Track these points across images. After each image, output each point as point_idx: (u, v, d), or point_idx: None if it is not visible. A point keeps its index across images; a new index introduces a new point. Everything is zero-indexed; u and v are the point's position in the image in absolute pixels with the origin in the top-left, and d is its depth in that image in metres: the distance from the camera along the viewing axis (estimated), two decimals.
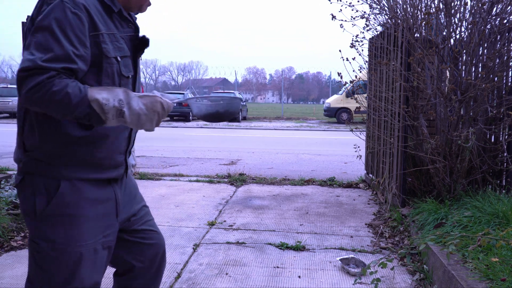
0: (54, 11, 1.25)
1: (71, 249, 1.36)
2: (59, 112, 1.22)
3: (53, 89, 1.18)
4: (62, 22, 1.24)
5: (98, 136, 1.38)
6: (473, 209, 3.13)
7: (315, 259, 3.06)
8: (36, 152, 1.35)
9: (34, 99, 1.18)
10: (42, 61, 1.19)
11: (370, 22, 4.50)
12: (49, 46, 1.21)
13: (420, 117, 3.87)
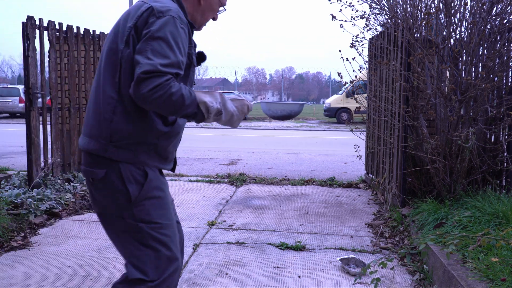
0: (168, 25, 1.46)
1: (164, 225, 1.61)
2: (171, 110, 1.43)
3: (172, 91, 1.39)
4: (175, 35, 1.47)
5: (173, 133, 1.62)
6: (473, 209, 3.13)
7: (315, 259, 3.06)
8: (125, 142, 1.53)
9: (153, 98, 1.37)
10: (161, 66, 1.39)
11: (370, 22, 4.50)
12: (166, 53, 1.42)
13: (420, 117, 3.87)
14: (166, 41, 1.44)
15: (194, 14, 1.70)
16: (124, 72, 1.50)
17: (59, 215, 3.96)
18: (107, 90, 1.52)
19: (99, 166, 1.55)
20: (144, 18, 1.50)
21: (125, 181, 1.53)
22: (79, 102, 5.17)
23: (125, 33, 1.51)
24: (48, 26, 4.61)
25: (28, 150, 4.43)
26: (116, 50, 1.52)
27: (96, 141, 1.55)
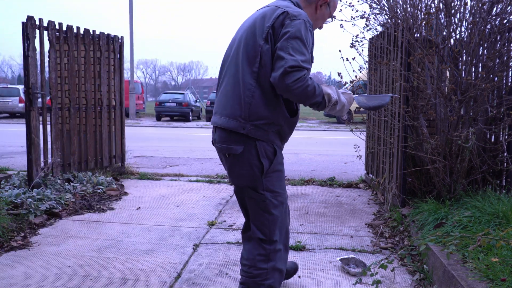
0: (302, 27, 1.79)
1: (283, 194, 1.99)
2: (303, 99, 1.78)
3: (308, 83, 1.73)
4: (307, 36, 1.79)
5: (294, 121, 1.98)
6: (473, 209, 3.13)
7: (315, 259, 3.06)
8: (261, 122, 1.86)
9: (294, 88, 1.72)
10: (302, 62, 1.72)
11: (370, 22, 4.50)
12: (303, 51, 1.75)
13: (420, 117, 3.87)
14: (302, 41, 1.76)
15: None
16: (263, 64, 1.82)
17: (59, 215, 3.96)
18: (246, 78, 1.84)
19: (237, 143, 1.88)
20: (280, 20, 1.81)
21: (260, 156, 1.89)
22: (79, 102, 5.17)
23: (264, 31, 1.83)
24: (48, 26, 4.61)
25: (28, 150, 4.43)
26: (254, 45, 1.84)
27: (236, 120, 1.86)
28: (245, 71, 1.86)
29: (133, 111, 21.02)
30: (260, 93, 1.84)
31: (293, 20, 1.79)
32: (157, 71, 79.41)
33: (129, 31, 20.84)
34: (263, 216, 1.96)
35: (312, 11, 2.03)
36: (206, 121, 20.97)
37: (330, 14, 2.07)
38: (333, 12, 2.08)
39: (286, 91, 1.74)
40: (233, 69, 1.91)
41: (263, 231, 1.97)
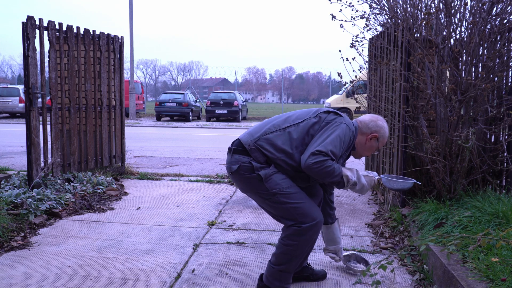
0: (347, 131, 2.35)
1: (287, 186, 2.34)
2: (322, 176, 2.24)
3: (327, 164, 2.20)
4: (346, 141, 2.34)
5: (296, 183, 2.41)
6: (473, 209, 3.13)
7: (315, 259, 3.06)
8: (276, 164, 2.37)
9: (316, 166, 2.19)
10: (331, 152, 2.23)
11: (370, 22, 4.49)
12: (337, 147, 2.26)
13: (420, 117, 3.87)
14: (340, 140, 2.30)
15: (358, 147, 2.50)
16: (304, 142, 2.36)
17: (59, 215, 3.96)
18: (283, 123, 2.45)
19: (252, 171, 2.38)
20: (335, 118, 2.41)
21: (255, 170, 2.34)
22: (79, 102, 5.17)
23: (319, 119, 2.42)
24: (48, 26, 4.61)
25: (28, 150, 4.43)
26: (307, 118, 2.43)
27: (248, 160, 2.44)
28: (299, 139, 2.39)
29: (133, 111, 21.02)
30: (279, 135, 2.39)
31: (343, 123, 2.36)
32: (157, 71, 79.38)
33: (129, 31, 20.84)
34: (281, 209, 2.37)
35: (363, 141, 2.49)
36: (206, 121, 20.97)
37: (378, 147, 2.53)
38: (380, 146, 2.53)
39: (306, 168, 2.22)
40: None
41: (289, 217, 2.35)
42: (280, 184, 2.32)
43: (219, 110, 20.38)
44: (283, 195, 2.32)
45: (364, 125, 2.50)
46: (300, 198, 2.35)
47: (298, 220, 2.32)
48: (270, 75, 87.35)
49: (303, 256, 2.44)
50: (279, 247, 2.39)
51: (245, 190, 2.48)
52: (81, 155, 5.23)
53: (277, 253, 2.40)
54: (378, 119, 2.52)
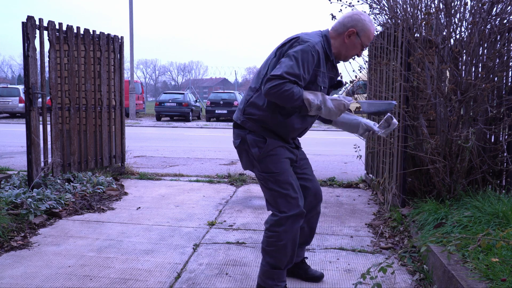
0: (303, 49, 2.16)
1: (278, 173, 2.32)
2: (283, 101, 2.14)
3: (284, 88, 2.09)
4: (305, 58, 2.16)
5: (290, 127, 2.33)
6: (473, 209, 3.13)
7: (315, 259, 3.06)
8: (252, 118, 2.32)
9: (272, 91, 2.10)
10: (286, 74, 2.10)
11: None
12: (293, 67, 2.12)
13: (420, 117, 3.87)
14: (296, 59, 2.14)
15: (340, 50, 2.32)
16: (267, 73, 2.25)
17: (59, 215, 3.96)
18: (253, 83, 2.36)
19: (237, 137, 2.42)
20: (291, 43, 2.23)
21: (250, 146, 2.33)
22: (79, 102, 5.17)
23: (277, 49, 2.28)
24: (48, 26, 4.61)
25: (28, 150, 4.43)
26: (268, 59, 2.32)
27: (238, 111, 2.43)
28: (255, 77, 2.36)
29: (133, 111, 21.01)
30: (257, 95, 2.31)
31: (300, 44, 2.19)
32: (157, 71, 79.35)
33: (129, 31, 20.84)
34: (268, 193, 2.37)
35: (343, 41, 2.30)
36: (206, 121, 20.97)
37: (362, 42, 2.31)
38: (365, 41, 2.31)
39: (267, 96, 2.14)
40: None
41: (271, 203, 2.38)
42: (271, 168, 2.32)
43: (219, 110, 20.37)
44: (271, 180, 2.32)
45: (339, 25, 2.31)
46: (285, 187, 2.31)
47: (277, 208, 2.33)
48: None
49: (290, 249, 2.38)
50: (264, 241, 2.39)
51: (246, 166, 2.44)
52: (81, 155, 5.23)
53: (263, 247, 2.40)
54: (354, 13, 2.31)
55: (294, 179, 2.38)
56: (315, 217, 2.64)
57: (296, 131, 2.38)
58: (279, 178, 2.32)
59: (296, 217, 2.32)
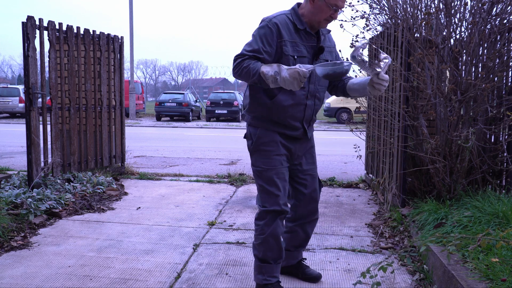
0: (260, 26, 2.24)
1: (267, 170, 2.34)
2: (246, 79, 2.18)
3: (242, 65, 2.16)
4: (262, 32, 2.22)
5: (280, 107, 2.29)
6: (473, 209, 3.13)
7: (315, 259, 3.06)
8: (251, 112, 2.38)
9: (235, 71, 2.19)
10: (245, 50, 2.20)
11: (370, 22, 4.49)
12: (251, 44, 2.22)
13: (420, 117, 3.87)
14: (254, 37, 2.23)
15: (310, 17, 2.26)
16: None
17: (59, 215, 3.96)
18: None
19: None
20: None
21: (247, 137, 2.42)
22: (79, 102, 5.17)
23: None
24: (48, 26, 4.61)
25: (28, 150, 4.43)
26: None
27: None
28: None
29: (133, 111, 21.01)
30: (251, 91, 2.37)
31: (259, 24, 2.27)
32: (157, 71, 79.32)
33: (129, 31, 20.84)
34: (256, 185, 2.43)
35: (310, 7, 2.26)
36: (206, 121, 20.96)
37: (327, 3, 2.20)
38: (330, 1, 2.20)
39: (233, 74, 2.24)
40: None
41: (258, 196, 2.44)
42: (260, 163, 2.35)
43: (219, 110, 20.38)
44: (258, 175, 2.37)
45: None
46: (270, 184, 2.33)
47: (261, 202, 2.38)
48: None
49: (273, 243, 2.37)
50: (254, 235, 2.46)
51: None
52: (81, 155, 5.23)
53: (253, 241, 2.47)
54: None
55: (281, 178, 2.37)
56: (311, 224, 2.62)
57: (289, 109, 2.31)
58: (266, 174, 2.34)
59: (274, 214, 2.34)
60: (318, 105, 2.43)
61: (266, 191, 2.35)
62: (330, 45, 2.43)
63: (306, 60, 2.28)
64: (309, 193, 2.54)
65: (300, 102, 2.33)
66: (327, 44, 2.40)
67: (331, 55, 2.43)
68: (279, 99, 2.28)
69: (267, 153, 2.35)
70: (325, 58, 2.36)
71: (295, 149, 2.43)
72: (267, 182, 2.35)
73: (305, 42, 2.28)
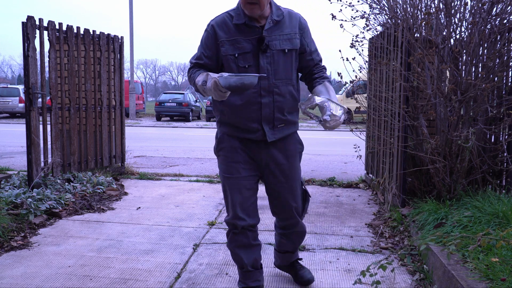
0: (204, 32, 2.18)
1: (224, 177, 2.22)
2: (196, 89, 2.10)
3: (189, 74, 2.16)
4: (203, 38, 2.17)
5: (232, 108, 2.14)
6: (473, 209, 3.13)
7: (315, 259, 3.06)
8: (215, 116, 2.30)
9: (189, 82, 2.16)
10: (192, 60, 2.19)
11: (370, 22, 4.50)
12: (196, 51, 2.19)
13: (420, 117, 3.87)
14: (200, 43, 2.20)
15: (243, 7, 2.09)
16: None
17: (59, 215, 3.96)
18: None
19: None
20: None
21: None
22: (79, 102, 5.17)
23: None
24: (48, 26, 4.61)
25: (28, 150, 4.43)
26: None
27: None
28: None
29: (133, 111, 21.01)
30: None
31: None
32: (157, 71, 79.29)
33: (129, 31, 20.84)
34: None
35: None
36: (206, 121, 20.96)
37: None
38: None
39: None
40: None
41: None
42: (220, 168, 2.27)
43: None
44: (221, 179, 2.27)
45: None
46: (226, 193, 2.24)
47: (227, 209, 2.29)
48: None
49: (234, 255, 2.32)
50: None
51: None
52: (81, 155, 5.23)
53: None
54: None
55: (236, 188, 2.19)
56: (293, 235, 2.46)
57: (242, 109, 2.12)
58: (224, 182, 2.23)
59: (230, 226, 2.26)
60: (281, 102, 2.14)
61: (226, 198, 2.26)
62: (289, 32, 2.14)
63: (250, 55, 2.08)
64: (282, 208, 2.35)
65: (253, 101, 2.11)
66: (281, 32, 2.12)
67: (291, 43, 2.14)
68: (229, 100, 2.11)
69: (225, 159, 2.22)
70: (280, 47, 2.11)
71: (259, 156, 2.22)
72: (224, 191, 2.25)
73: (250, 36, 2.09)
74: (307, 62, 2.26)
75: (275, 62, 2.11)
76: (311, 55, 2.26)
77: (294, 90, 2.20)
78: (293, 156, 2.29)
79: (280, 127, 2.18)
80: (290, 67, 2.17)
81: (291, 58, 2.16)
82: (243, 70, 2.09)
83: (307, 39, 2.23)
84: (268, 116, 2.13)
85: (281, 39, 2.11)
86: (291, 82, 2.18)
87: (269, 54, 2.09)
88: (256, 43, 2.08)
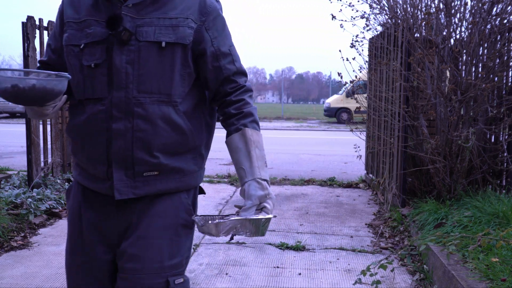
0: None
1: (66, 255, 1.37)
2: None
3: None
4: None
5: (71, 135, 1.38)
6: (473, 209, 3.13)
7: (315, 259, 3.06)
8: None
9: None
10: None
11: (370, 22, 4.50)
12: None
13: (420, 117, 3.87)
14: None
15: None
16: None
17: (59, 215, 3.96)
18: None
19: None
20: None
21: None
22: None
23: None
24: (48, 26, 4.60)
25: (28, 150, 4.43)
26: None
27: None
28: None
29: None
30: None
31: None
32: None
33: None
34: None
35: None
36: None
37: None
38: None
39: None
40: None
41: None
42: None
43: None
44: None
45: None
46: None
47: None
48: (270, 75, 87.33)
49: None
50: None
51: None
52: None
53: None
54: None
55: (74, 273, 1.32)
56: None
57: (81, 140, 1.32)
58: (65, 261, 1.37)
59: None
60: (147, 131, 1.22)
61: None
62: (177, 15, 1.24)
63: (99, 48, 1.24)
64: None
65: (98, 126, 1.27)
66: (162, 14, 1.24)
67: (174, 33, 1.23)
68: (70, 122, 1.39)
69: (68, 227, 1.36)
70: (154, 38, 1.22)
71: (105, 224, 1.29)
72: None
73: (103, 13, 1.24)
74: (211, 74, 1.29)
75: (141, 61, 1.23)
76: (217, 60, 1.29)
77: (178, 116, 1.25)
78: (166, 231, 1.27)
79: (148, 176, 1.25)
80: (171, 74, 1.24)
81: (174, 59, 1.24)
82: (88, 71, 1.27)
83: (214, 33, 1.29)
84: (123, 155, 1.23)
85: (158, 24, 1.22)
86: (171, 100, 1.24)
87: (134, 48, 1.22)
88: (102, 25, 1.23)
